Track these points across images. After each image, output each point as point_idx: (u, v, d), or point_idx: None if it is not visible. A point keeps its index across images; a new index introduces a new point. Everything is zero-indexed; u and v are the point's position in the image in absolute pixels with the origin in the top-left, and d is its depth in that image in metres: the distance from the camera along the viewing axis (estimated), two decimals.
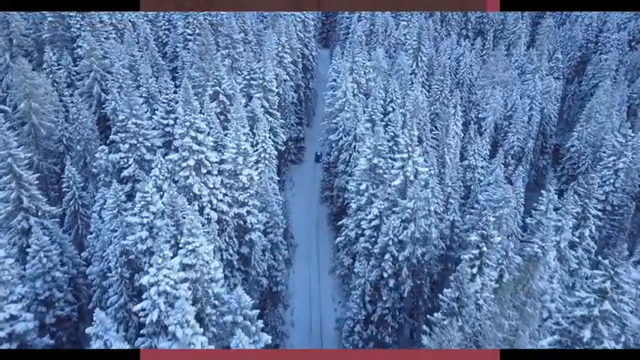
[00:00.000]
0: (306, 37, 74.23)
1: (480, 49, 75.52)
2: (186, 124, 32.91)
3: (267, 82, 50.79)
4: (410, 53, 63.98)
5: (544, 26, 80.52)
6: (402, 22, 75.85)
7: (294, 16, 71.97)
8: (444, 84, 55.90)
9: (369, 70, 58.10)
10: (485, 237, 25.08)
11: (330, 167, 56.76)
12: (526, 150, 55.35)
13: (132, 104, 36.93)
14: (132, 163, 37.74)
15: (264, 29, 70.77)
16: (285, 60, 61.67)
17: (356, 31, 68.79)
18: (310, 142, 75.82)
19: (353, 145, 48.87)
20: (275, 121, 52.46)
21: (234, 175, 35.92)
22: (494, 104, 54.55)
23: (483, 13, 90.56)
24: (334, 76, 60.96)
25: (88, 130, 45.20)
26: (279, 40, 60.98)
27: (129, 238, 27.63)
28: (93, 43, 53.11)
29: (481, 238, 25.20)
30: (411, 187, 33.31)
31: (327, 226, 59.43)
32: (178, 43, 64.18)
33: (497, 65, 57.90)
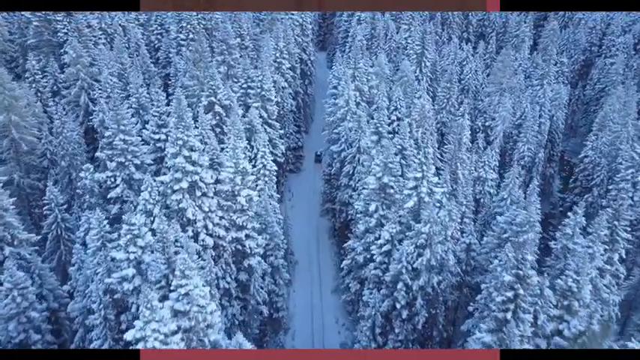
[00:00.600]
0: (304, 42, 70.80)
1: (482, 52, 72.37)
2: (178, 143, 29.41)
3: (265, 91, 47.34)
4: (413, 58, 60.70)
5: (548, 29, 77.46)
6: (402, 26, 72.56)
7: (292, 19, 68.55)
8: (450, 91, 52.68)
9: (372, 77, 54.76)
10: (521, 277, 21.86)
11: (331, 179, 53.38)
12: (536, 160, 52.25)
13: (119, 119, 33.34)
14: (120, 182, 34.18)
15: (260, 33, 67.28)
16: (283, 66, 58.23)
17: (356, 35, 65.44)
18: (309, 150, 72.48)
19: (357, 157, 45.52)
20: (274, 132, 49.02)
21: (232, 196, 32.47)
22: (504, 112, 51.42)
23: (484, 16, 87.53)
24: (335, 82, 57.53)
25: (74, 144, 41.55)
26: (277, 45, 57.52)
27: (114, 276, 24.13)
28: (79, 50, 49.38)
29: (516, 278, 21.97)
30: (425, 210, 30.02)
31: (329, 240, 56.10)
32: (171, 48, 60.57)
33: (504, 71, 54.79)
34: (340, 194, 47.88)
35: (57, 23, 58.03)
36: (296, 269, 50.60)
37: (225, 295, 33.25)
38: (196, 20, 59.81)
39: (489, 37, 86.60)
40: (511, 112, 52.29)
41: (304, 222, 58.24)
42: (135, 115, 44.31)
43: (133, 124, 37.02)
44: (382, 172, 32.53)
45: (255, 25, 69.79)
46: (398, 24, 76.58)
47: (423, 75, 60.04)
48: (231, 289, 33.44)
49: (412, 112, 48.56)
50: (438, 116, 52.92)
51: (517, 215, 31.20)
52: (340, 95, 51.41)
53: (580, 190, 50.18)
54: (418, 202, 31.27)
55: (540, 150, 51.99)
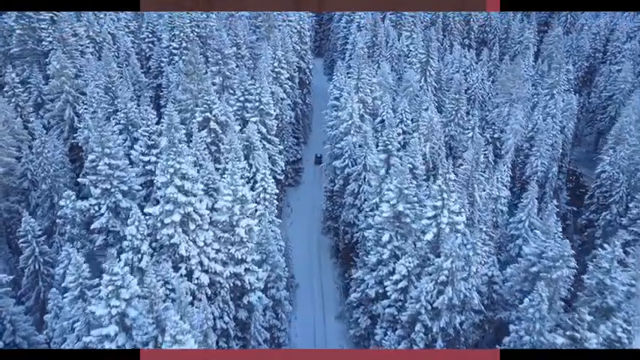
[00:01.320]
0: (302, 49, 67.18)
1: (486, 60, 69.09)
2: (169, 171, 25.67)
3: (264, 104, 43.64)
4: (417, 67, 57.28)
5: (552, 35, 74.44)
6: (404, 32, 69.15)
7: (290, 26, 64.93)
8: (459, 103, 49.25)
9: (375, 88, 51.23)
10: (576, 340, 18.43)
11: (333, 195, 49.72)
12: (549, 175, 48.97)
13: (104, 141, 29.51)
14: (105, 211, 30.36)
15: (257, 40, 63.59)
16: (281, 76, 54.57)
17: (357, 42, 61.89)
18: (307, 163, 68.84)
19: (363, 175, 41.95)
20: (273, 147, 45.33)
21: (230, 226, 28.76)
22: (515, 125, 48.10)
23: (486, 22, 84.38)
24: (336, 93, 53.95)
25: (56, 164, 37.65)
26: (275, 54, 53.86)
27: (93, 333, 20.34)
28: (64, 61, 45.45)
29: (572, 341, 18.53)
30: (447, 243, 26.48)
31: (330, 259, 52.42)
32: (163, 57, 56.71)
33: (514, 81, 51.49)
34: (344, 214, 44.26)
35: (41, 31, 54.10)
36: (297, 293, 46.87)
37: (222, 336, 29.54)
38: (190, 28, 56.01)
39: (491, 43, 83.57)
40: (523, 124, 48.96)
41: (304, 239, 54.54)
42: (123, 132, 40.57)
43: (119, 145, 33.26)
44: (397, 199, 28.95)
45: (251, 31, 66.13)
46: (399, 30, 73.24)
47: (428, 84, 56.62)
48: (230, 328, 29.73)
49: (420, 126, 45.11)
50: (446, 129, 49.48)
51: (546, 247, 27.74)
52: (343, 108, 47.82)
53: (597, 207, 46.91)
54: (437, 233, 27.73)
55: (554, 164, 48.72)
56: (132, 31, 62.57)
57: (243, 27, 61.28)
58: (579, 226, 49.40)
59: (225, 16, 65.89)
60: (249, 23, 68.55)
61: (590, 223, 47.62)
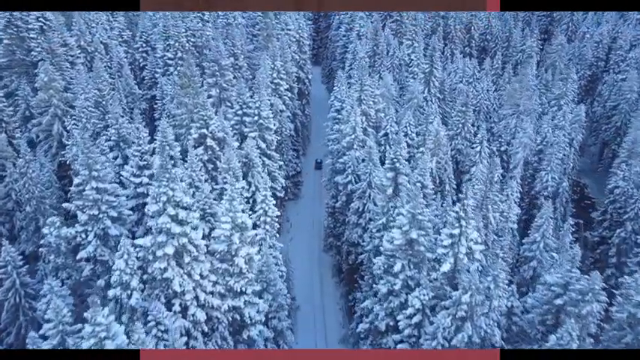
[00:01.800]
0: (301, 59, 64.84)
1: (489, 69, 66.98)
2: (161, 199, 23.10)
3: (263, 119, 41.15)
4: (420, 77, 55.04)
5: (555, 44, 72.55)
6: (405, 41, 66.96)
7: (289, 34, 62.56)
8: (466, 115, 46.94)
9: (379, 100, 48.87)
10: None
11: (335, 212, 47.25)
12: (560, 190, 46.72)
13: (91, 164, 26.91)
14: (92, 239, 27.71)
15: (254, 50, 61.18)
16: (281, 87, 52.15)
17: (357, 51, 59.58)
18: (307, 175, 66.38)
19: (368, 193, 39.49)
20: (273, 163, 42.82)
21: (229, 256, 26.20)
22: (524, 138, 45.86)
23: (487, 30, 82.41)
24: (337, 105, 51.58)
25: (42, 185, 34.98)
26: (274, 65, 51.45)
27: None
28: (52, 73, 42.83)
29: None
30: (464, 275, 24.03)
31: (332, 278, 49.90)
32: (157, 68, 54.19)
33: (521, 92, 49.30)
34: (348, 233, 41.75)
35: (30, 41, 51.48)
36: (298, 316, 44.27)
37: None
38: (185, 37, 53.52)
39: (492, 52, 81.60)
40: (532, 137, 46.72)
41: (305, 256, 52.01)
42: (114, 149, 37.93)
43: (108, 166, 30.69)
44: (409, 225, 26.49)
45: (248, 40, 63.72)
46: (399, 38, 71.08)
47: (432, 95, 54.35)
48: None
49: (426, 140, 42.76)
50: (452, 142, 47.16)
51: (572, 277, 25.33)
52: (345, 121, 45.41)
53: (610, 224, 44.63)
54: (455, 264, 25.27)
55: (564, 179, 46.48)
56: (125, 41, 60.03)
57: (241, 36, 58.87)
58: (590, 242, 47.10)
59: (222, 24, 63.59)
60: (247, 32, 66.22)
61: (603, 240, 45.33)
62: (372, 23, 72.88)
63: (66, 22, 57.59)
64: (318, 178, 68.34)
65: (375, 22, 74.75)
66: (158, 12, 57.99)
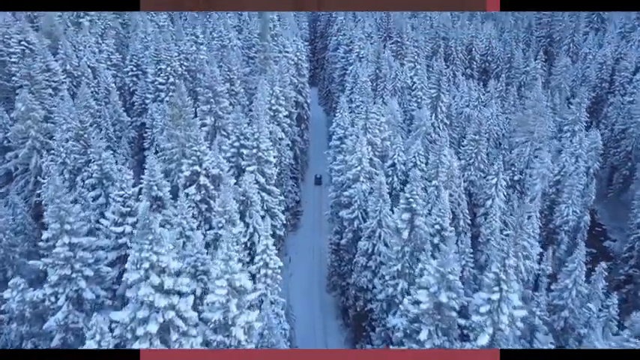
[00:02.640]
0: (300, 82, 60.97)
1: (494, 91, 63.49)
2: (143, 266, 18.60)
3: (262, 151, 36.89)
4: (427, 102, 51.23)
5: (559, 66, 69.40)
6: (407, 64, 63.39)
7: (287, 57, 58.75)
8: (479, 144, 42.99)
9: (384, 127, 44.85)
10: None
11: (340, 249, 42.79)
12: (581, 224, 42.70)
13: (63, 215, 22.39)
14: (63, 303, 23.06)
15: (250, 73, 57.25)
16: (280, 114, 48.07)
17: (359, 75, 55.73)
18: (306, 204, 61.94)
19: (378, 233, 35.14)
20: (273, 199, 38.45)
21: (224, 327, 21.62)
22: (542, 169, 41.99)
23: (487, 51, 79.28)
24: (339, 133, 47.54)
25: (12, 230, 30.32)
26: (272, 91, 47.42)
27: None
28: (31, 102, 38.42)
29: None
30: None
31: (336, 320, 45.18)
32: (148, 93, 49.96)
33: (536, 118, 45.62)
34: (356, 276, 37.23)
35: (12, 65, 47.37)
36: None
37: None
38: (178, 61, 49.44)
39: (493, 73, 78.45)
40: (550, 167, 42.81)
41: (306, 296, 47.28)
42: (97, 187, 33.41)
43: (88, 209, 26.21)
44: (438, 286, 22.15)
45: (244, 62, 59.82)
46: (400, 60, 67.62)
47: (439, 121, 50.49)
48: None
49: (439, 173, 38.66)
50: (464, 173, 43.14)
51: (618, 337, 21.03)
52: (351, 151, 41.25)
53: (637, 262, 40.55)
54: (493, 334, 20.89)
55: (585, 212, 42.48)
56: (114, 64, 55.83)
57: (237, 59, 54.94)
58: (615, 281, 42.95)
59: (217, 46, 59.72)
60: (243, 54, 62.44)
61: (630, 278, 41.23)
62: (371, 45, 69.56)
63: (51, 45, 53.46)
64: (317, 199, 64.47)
65: (375, 44, 71.51)
66: (149, 34, 53.98)
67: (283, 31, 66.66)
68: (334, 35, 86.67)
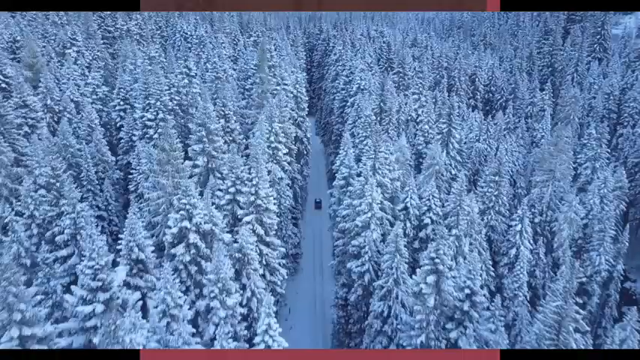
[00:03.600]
0: (299, 116, 56.80)
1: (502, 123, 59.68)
2: None
3: (261, 198, 32.13)
4: (437, 138, 47.05)
5: (568, 97, 65.94)
6: (412, 95, 59.65)
7: (286, 90, 54.70)
8: (500, 187, 38.59)
9: (394, 167, 40.41)
10: None
11: (348, 306, 37.65)
12: (614, 273, 38.10)
13: (12, 303, 17.28)
14: None
15: (246, 107, 53.03)
16: (279, 152, 43.57)
17: (363, 109, 51.66)
18: (306, 247, 56.96)
19: (395, 293, 30.21)
20: (272, 252, 33.48)
21: None
22: (570, 213, 37.62)
23: (490, 81, 76.13)
24: (344, 172, 43.04)
25: None
26: (271, 127, 43.04)
27: None
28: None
29: None
30: None
31: None
32: (135, 129, 45.34)
33: (557, 156, 41.52)
34: (369, 341, 32.07)
35: None
36: None
37: None
38: (168, 95, 45.05)
39: (497, 104, 75.09)
40: (579, 211, 38.38)
41: None
42: (70, 243, 28.40)
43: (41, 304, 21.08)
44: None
45: (240, 96, 55.67)
46: (403, 92, 63.97)
47: (451, 159, 46.20)
48: None
49: (460, 220, 34.03)
50: (484, 218, 38.57)
51: None
52: (359, 195, 36.62)
53: None
54: None
55: (619, 261, 37.91)
56: (100, 98, 51.35)
57: (232, 91, 50.77)
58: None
59: (210, 78, 55.61)
60: (238, 85, 58.41)
61: None
62: (372, 76, 65.97)
63: (32, 78, 49.02)
64: (317, 226, 59.93)
65: (375, 74, 67.99)
66: (138, 66, 49.74)
67: (281, 62, 62.98)
68: (332, 65, 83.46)
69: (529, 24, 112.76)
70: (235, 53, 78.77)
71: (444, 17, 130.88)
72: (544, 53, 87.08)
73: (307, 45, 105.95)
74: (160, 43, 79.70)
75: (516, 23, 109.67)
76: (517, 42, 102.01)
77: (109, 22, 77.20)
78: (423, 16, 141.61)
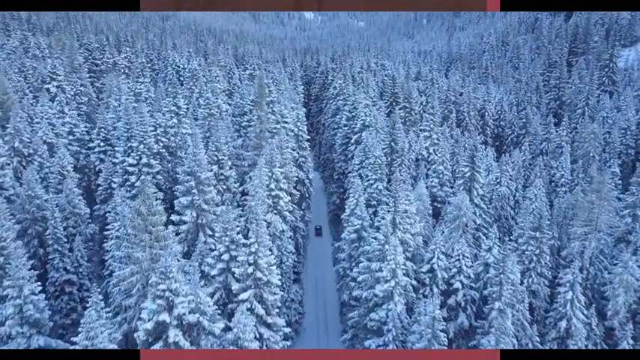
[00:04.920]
0: (301, 156, 50.70)
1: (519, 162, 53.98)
2: None
3: (261, 270, 25.43)
4: (459, 184, 40.97)
5: (586, 132, 60.76)
6: (423, 133, 53.97)
7: (286, 128, 48.73)
8: (542, 244, 32.27)
9: (415, 219, 34.00)
10: None
11: None
12: None
13: None
14: None
15: (242, 146, 46.80)
16: (281, 202, 37.14)
17: (372, 149, 45.67)
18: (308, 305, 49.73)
19: None
20: (274, 335, 26.52)
21: None
22: (625, 275, 31.39)
23: (500, 115, 71.10)
24: (356, 224, 36.59)
25: None
26: (272, 174, 36.73)
27: None
28: None
29: None
30: None
31: None
32: (115, 176, 38.80)
33: (600, 205, 35.61)
34: None
35: None
36: None
37: None
38: (153, 137, 38.79)
39: (508, 139, 69.81)
40: (637, 274, 32.02)
41: None
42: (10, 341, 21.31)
43: None
44: None
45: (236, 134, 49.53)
46: (410, 127, 58.39)
47: (475, 206, 39.93)
48: None
49: (503, 291, 27.49)
50: (525, 281, 32.03)
51: None
52: (378, 257, 30.08)
53: None
54: None
55: None
56: (78, 139, 44.97)
57: (227, 130, 44.62)
58: None
59: (202, 115, 49.51)
60: (233, 122, 52.39)
61: None
62: (377, 111, 60.47)
63: (1, 118, 42.71)
64: (320, 258, 53.45)
65: (380, 109, 62.56)
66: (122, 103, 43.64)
67: (280, 97, 57.40)
68: (332, 99, 78.19)
69: (528, 56, 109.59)
70: (230, 87, 73.37)
71: (441, 49, 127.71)
72: (550, 86, 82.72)
73: (304, 78, 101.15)
74: (150, 77, 74.14)
75: (517, 55, 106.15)
76: (519, 74, 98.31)
77: (96, 55, 71.70)
78: (419, 48, 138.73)
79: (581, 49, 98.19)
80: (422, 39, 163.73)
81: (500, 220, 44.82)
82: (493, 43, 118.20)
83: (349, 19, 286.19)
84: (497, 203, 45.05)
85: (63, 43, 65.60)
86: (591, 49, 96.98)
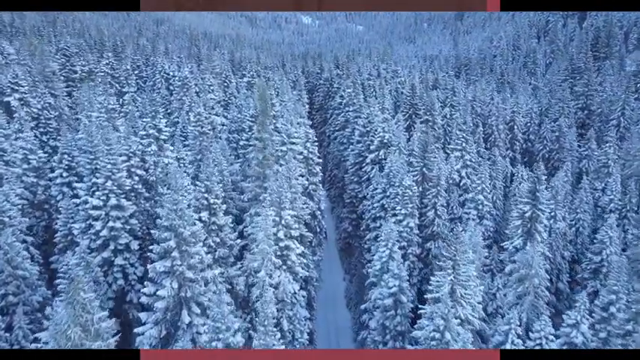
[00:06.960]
0: (312, 183, 41.22)
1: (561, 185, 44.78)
2: None
3: None
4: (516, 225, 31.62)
5: (634, 149, 51.72)
6: (453, 153, 44.63)
7: (294, 151, 39.20)
8: None
9: (477, 287, 24.57)
10: None
11: None
12: None
13: None
14: None
15: (240, 171, 37.34)
16: (291, 254, 27.65)
17: (399, 176, 36.31)
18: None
19: None
20: None
21: None
22: None
23: (528, 128, 61.98)
24: (393, 286, 27.14)
25: None
26: (280, 218, 27.24)
27: None
28: None
29: None
30: None
31: None
32: (77, 220, 29.08)
33: None
34: None
35: None
36: None
37: None
38: (126, 170, 29.10)
39: (539, 155, 60.55)
40: None
41: None
42: None
43: None
44: None
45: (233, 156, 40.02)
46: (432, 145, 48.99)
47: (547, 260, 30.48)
48: None
49: None
50: None
51: None
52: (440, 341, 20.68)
53: None
54: None
55: None
56: (35, 167, 35.14)
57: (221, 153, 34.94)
58: None
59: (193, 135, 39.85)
60: (230, 140, 42.97)
61: None
62: (396, 125, 51.05)
63: None
64: None
65: (398, 123, 53.16)
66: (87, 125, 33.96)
67: (283, 110, 48.04)
68: (338, 109, 68.87)
69: (543, 61, 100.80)
70: (226, 97, 63.84)
71: (448, 54, 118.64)
72: (577, 94, 73.67)
73: (307, 85, 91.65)
74: (137, 86, 64.44)
75: (532, 60, 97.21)
76: (536, 80, 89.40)
77: (74, 61, 61.86)
78: (424, 53, 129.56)
79: (604, 54, 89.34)
80: (424, 43, 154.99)
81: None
82: (504, 47, 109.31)
83: (347, 23, 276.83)
84: (559, 245, 35.80)
85: (34, 48, 55.67)
86: (615, 53, 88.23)
